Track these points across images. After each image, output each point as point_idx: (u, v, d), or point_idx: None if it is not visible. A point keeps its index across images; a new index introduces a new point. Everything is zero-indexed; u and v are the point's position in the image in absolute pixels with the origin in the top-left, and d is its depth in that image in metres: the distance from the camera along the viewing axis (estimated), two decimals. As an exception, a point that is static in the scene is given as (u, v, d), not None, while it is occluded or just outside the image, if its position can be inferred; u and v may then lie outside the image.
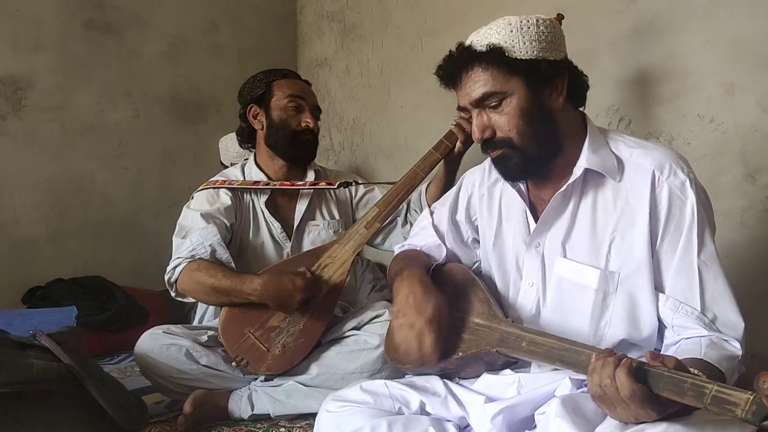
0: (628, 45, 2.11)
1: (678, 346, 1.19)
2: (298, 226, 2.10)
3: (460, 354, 1.30)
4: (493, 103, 1.26)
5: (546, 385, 1.23)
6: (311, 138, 2.09)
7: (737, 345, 1.17)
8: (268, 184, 2.07)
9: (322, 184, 2.09)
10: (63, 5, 2.94)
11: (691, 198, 1.21)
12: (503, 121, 1.26)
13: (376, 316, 1.86)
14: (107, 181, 3.11)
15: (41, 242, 2.92)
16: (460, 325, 1.35)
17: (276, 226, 2.08)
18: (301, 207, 2.11)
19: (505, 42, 1.23)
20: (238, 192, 2.07)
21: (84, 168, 3.04)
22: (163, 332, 1.89)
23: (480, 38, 1.27)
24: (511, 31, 1.24)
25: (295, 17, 3.75)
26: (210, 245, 1.88)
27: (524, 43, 1.24)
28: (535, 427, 1.19)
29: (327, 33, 3.53)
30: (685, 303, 1.20)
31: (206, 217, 1.93)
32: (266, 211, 2.08)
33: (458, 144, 1.96)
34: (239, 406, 1.84)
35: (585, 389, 1.17)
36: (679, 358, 0.99)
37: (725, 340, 1.17)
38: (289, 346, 1.84)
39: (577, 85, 1.31)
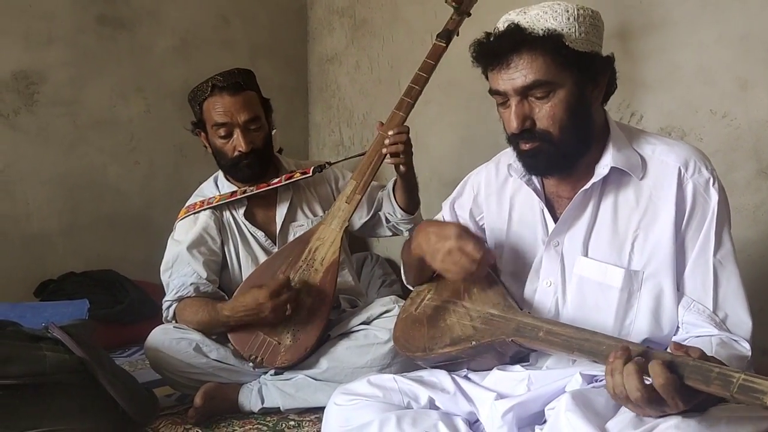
0: (640, 40, 2.10)
1: (687, 344, 1.17)
2: (281, 230, 2.06)
3: (474, 343, 1.29)
4: (539, 94, 1.19)
5: (556, 381, 1.21)
6: (251, 161, 1.98)
7: (747, 345, 1.16)
8: (244, 192, 2.03)
9: (297, 175, 2.04)
10: (75, 0, 2.96)
11: (714, 197, 1.20)
12: (547, 113, 1.20)
13: (386, 311, 1.87)
14: (119, 175, 3.13)
15: (54, 236, 2.94)
16: (475, 315, 1.34)
17: (260, 234, 2.04)
18: (281, 211, 2.07)
19: (563, 29, 1.16)
20: (217, 210, 2.03)
21: (96, 162, 3.06)
22: (174, 327, 1.90)
23: (531, 20, 1.18)
24: (569, 19, 1.17)
25: (306, 12, 3.75)
26: (191, 284, 1.91)
27: (581, 34, 1.18)
28: (545, 422, 1.18)
29: (337, 28, 3.53)
30: (697, 301, 1.19)
31: (190, 248, 1.94)
32: (247, 223, 2.04)
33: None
34: (249, 399, 1.85)
35: (596, 384, 1.17)
36: None
37: (735, 340, 1.16)
38: (299, 334, 1.84)
39: (611, 83, 1.28)
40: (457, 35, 1.99)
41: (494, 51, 1.21)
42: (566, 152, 1.23)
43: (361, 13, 3.35)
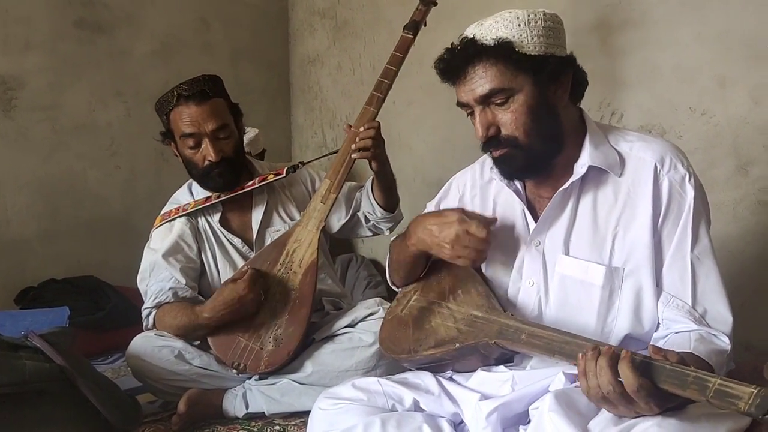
0: (620, 38, 2.11)
1: (667, 340, 1.19)
2: (257, 236, 2.03)
3: (457, 345, 1.29)
4: (499, 101, 1.22)
5: (540, 380, 1.22)
6: (222, 170, 1.93)
7: (726, 340, 1.17)
8: (219, 196, 2.00)
9: (271, 177, 2.02)
10: (53, 4, 2.92)
11: (690, 193, 1.21)
12: (509, 118, 1.23)
13: (371, 314, 1.85)
14: (99, 180, 3.10)
15: (33, 242, 2.91)
16: (459, 317, 1.34)
17: (236, 241, 2.02)
18: (256, 216, 2.05)
19: (513, 36, 1.20)
20: (192, 217, 2.02)
21: (76, 167, 3.03)
22: (155, 334, 1.88)
23: (485, 31, 1.22)
24: (519, 25, 1.20)
25: (287, 14, 3.74)
26: (170, 289, 1.89)
27: (532, 38, 1.20)
28: (529, 422, 1.18)
29: (319, 30, 3.52)
30: (676, 297, 1.20)
31: (166, 256, 1.93)
32: (223, 230, 2.02)
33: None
34: (234, 404, 1.84)
35: (579, 384, 1.17)
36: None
37: (714, 334, 1.17)
38: (281, 338, 1.83)
39: (578, 81, 1.29)
40: (425, 26, 1.98)
41: (451, 66, 1.26)
42: (535, 154, 1.25)
43: (343, 14, 3.34)
